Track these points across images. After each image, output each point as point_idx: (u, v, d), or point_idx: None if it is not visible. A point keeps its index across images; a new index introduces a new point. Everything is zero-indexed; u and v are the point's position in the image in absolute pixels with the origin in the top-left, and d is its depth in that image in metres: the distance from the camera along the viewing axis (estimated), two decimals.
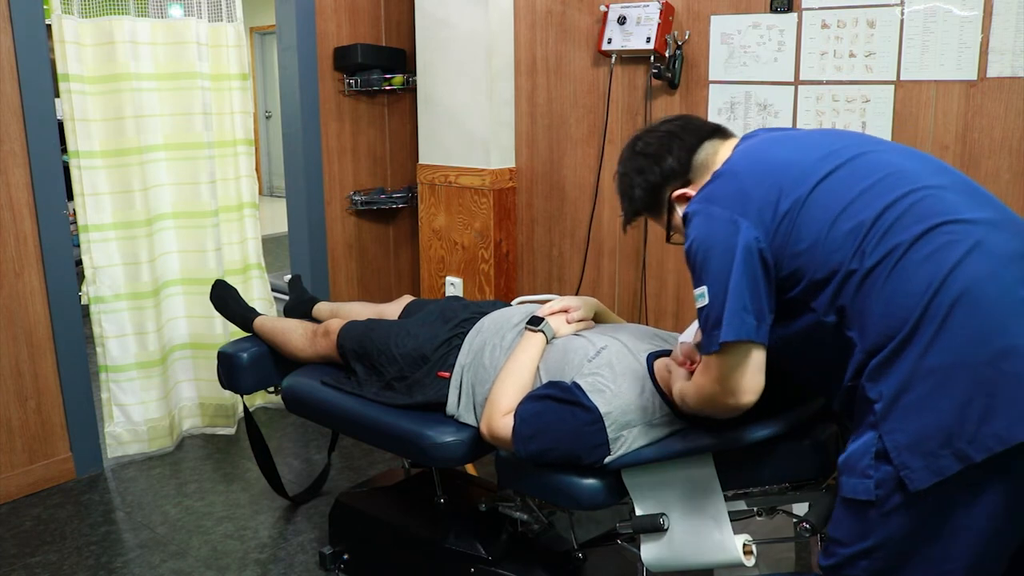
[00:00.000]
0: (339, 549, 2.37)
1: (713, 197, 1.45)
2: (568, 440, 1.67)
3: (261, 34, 9.97)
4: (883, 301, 1.28)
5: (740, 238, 1.37)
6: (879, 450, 1.26)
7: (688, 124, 1.62)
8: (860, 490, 1.28)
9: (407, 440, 1.98)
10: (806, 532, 1.55)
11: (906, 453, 1.23)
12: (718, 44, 2.84)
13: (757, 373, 1.40)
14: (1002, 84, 2.37)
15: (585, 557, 1.98)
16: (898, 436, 1.24)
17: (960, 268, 1.24)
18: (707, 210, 1.43)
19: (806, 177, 1.39)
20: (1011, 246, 1.28)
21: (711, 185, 1.48)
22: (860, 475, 1.28)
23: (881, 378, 1.27)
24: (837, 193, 1.36)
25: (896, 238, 1.29)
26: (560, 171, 3.31)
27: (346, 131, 3.80)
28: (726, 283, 1.37)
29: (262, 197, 9.29)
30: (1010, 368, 1.18)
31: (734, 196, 1.42)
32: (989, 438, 1.18)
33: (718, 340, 1.37)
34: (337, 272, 3.86)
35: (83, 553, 2.56)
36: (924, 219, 1.29)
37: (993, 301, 1.22)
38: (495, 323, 2.06)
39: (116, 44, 2.93)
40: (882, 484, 1.26)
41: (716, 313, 1.38)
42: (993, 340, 1.20)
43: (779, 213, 1.38)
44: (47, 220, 2.84)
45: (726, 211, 1.40)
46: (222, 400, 3.35)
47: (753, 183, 1.42)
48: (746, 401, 1.41)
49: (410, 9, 3.58)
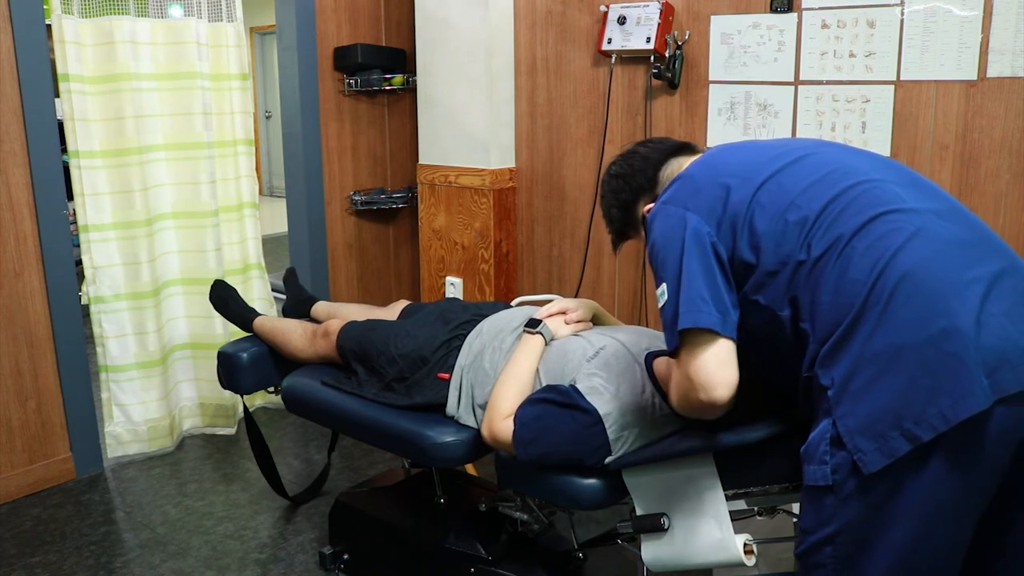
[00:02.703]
0: (339, 549, 2.37)
1: (668, 199, 1.50)
2: (568, 443, 1.67)
3: (261, 34, 9.97)
4: (830, 290, 1.31)
5: (689, 230, 1.41)
6: (833, 436, 1.28)
7: (657, 143, 1.71)
8: (818, 476, 1.30)
9: (407, 440, 1.98)
10: None
11: (858, 437, 1.25)
12: (718, 44, 2.84)
13: (726, 365, 1.37)
14: (1002, 84, 2.37)
15: (585, 557, 1.98)
16: (849, 420, 1.27)
17: (902, 252, 1.28)
18: (663, 210, 1.48)
19: (754, 175, 1.44)
20: (955, 233, 1.31)
21: (668, 190, 1.53)
22: (818, 462, 1.31)
23: (831, 365, 1.30)
24: (785, 188, 1.41)
25: (840, 228, 1.33)
26: (560, 171, 3.31)
27: (346, 131, 3.80)
28: (679, 274, 1.40)
29: (262, 197, 9.31)
30: (951, 348, 1.21)
31: (686, 194, 1.47)
32: (934, 417, 1.20)
33: (677, 330, 1.38)
34: (337, 272, 3.86)
35: (83, 553, 2.56)
36: (867, 209, 1.34)
37: (934, 283, 1.25)
38: (495, 326, 2.06)
39: (116, 44, 2.93)
40: (838, 469, 1.28)
41: (673, 305, 1.40)
42: (935, 321, 1.22)
43: (729, 208, 1.42)
44: (47, 220, 2.84)
45: (678, 208, 1.45)
46: (222, 400, 3.35)
47: (704, 182, 1.47)
48: (718, 395, 1.36)
49: (410, 9, 3.58)
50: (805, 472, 1.34)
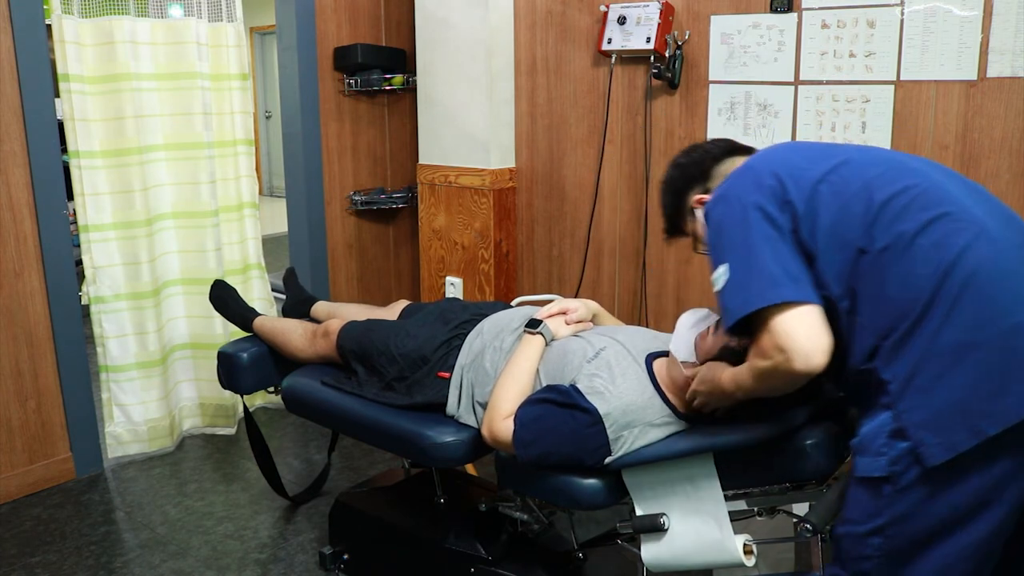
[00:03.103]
0: (339, 549, 2.37)
1: (729, 187, 1.52)
2: (568, 443, 1.67)
3: (261, 34, 9.97)
4: (894, 285, 1.34)
5: (753, 213, 1.42)
6: (894, 429, 1.31)
7: (719, 142, 1.76)
8: (875, 468, 1.33)
9: (407, 440, 1.98)
10: (806, 532, 1.55)
11: (922, 430, 1.28)
12: (718, 44, 2.84)
13: (817, 329, 1.35)
14: (1002, 84, 2.37)
15: (585, 557, 1.98)
16: (914, 414, 1.30)
17: (968, 252, 1.30)
18: (724, 197, 1.50)
19: (815, 166, 1.46)
20: (1012, 236, 1.36)
21: (727, 180, 1.55)
22: (874, 454, 1.33)
23: (894, 360, 1.32)
24: (846, 180, 1.43)
25: (904, 225, 1.35)
26: (560, 171, 3.31)
27: (346, 131, 3.80)
28: (747, 252, 1.40)
29: (262, 197, 9.30)
30: (1020, 344, 1.25)
31: (748, 181, 1.49)
32: (1002, 412, 1.24)
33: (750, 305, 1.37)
34: (337, 272, 3.86)
35: (83, 553, 2.56)
36: (930, 208, 1.36)
37: (1001, 283, 1.28)
38: (495, 325, 2.06)
39: (116, 44, 2.93)
40: (897, 461, 1.31)
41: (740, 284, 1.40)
42: (1005, 318, 1.26)
43: (791, 195, 1.43)
44: (47, 220, 2.84)
45: (741, 194, 1.46)
46: (222, 400, 3.35)
47: (765, 173, 1.48)
48: (816, 362, 1.33)
49: (410, 9, 3.58)
50: (857, 464, 1.36)
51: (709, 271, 1.50)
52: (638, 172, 3.10)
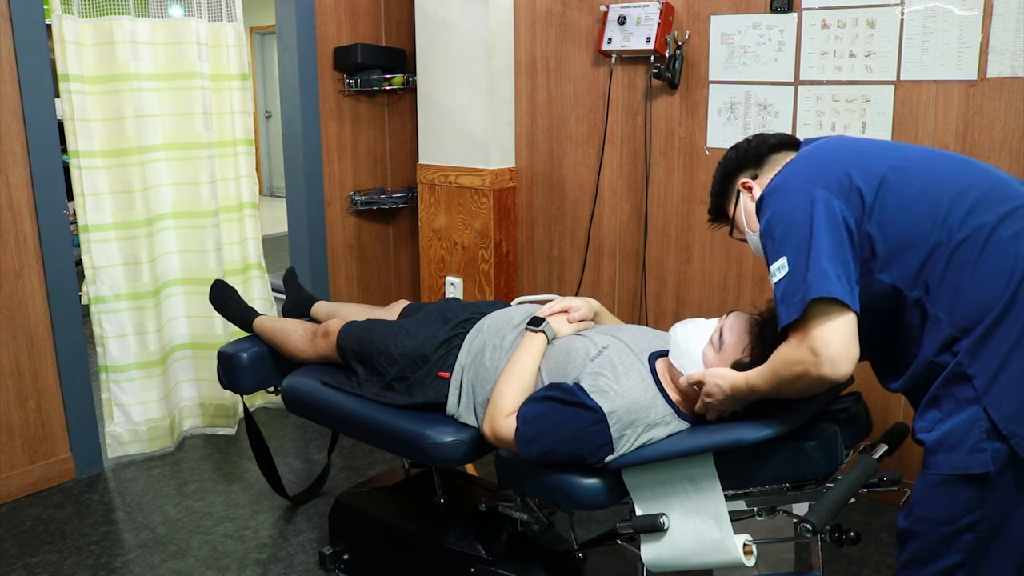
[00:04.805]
0: (339, 549, 2.37)
1: (789, 175, 1.50)
2: (571, 441, 1.67)
3: (261, 34, 9.97)
4: (976, 277, 1.34)
5: (819, 204, 1.41)
6: (987, 425, 1.32)
7: (780, 134, 1.73)
8: (972, 464, 1.33)
9: (407, 440, 1.98)
10: (806, 532, 1.55)
11: (1014, 423, 1.30)
12: (718, 44, 2.84)
13: (852, 340, 1.36)
14: (1002, 84, 2.37)
15: (585, 557, 1.98)
16: (1004, 407, 1.31)
17: None
18: (783, 186, 1.48)
19: (881, 158, 1.47)
20: None
21: (786, 169, 1.53)
22: (969, 450, 1.33)
23: (980, 355, 1.33)
24: (914, 172, 1.44)
25: (981, 217, 1.36)
26: (560, 171, 3.31)
27: (346, 131, 3.80)
28: (808, 246, 1.39)
29: (262, 197, 9.29)
30: None
31: (810, 171, 1.48)
32: None
33: (807, 299, 1.35)
34: (337, 272, 3.86)
35: (83, 553, 2.56)
36: (1005, 201, 1.38)
37: None
38: (495, 323, 2.06)
39: (116, 44, 2.93)
40: (995, 456, 1.32)
41: (799, 276, 1.38)
42: None
43: (857, 186, 1.42)
44: (47, 220, 2.84)
45: (804, 184, 1.45)
46: (222, 400, 3.35)
47: (829, 161, 1.48)
48: (844, 371, 1.35)
49: (410, 9, 3.58)
50: (943, 462, 1.36)
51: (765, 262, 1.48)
52: (638, 172, 3.10)
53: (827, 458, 1.60)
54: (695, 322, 1.77)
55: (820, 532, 1.53)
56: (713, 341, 1.69)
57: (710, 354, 1.69)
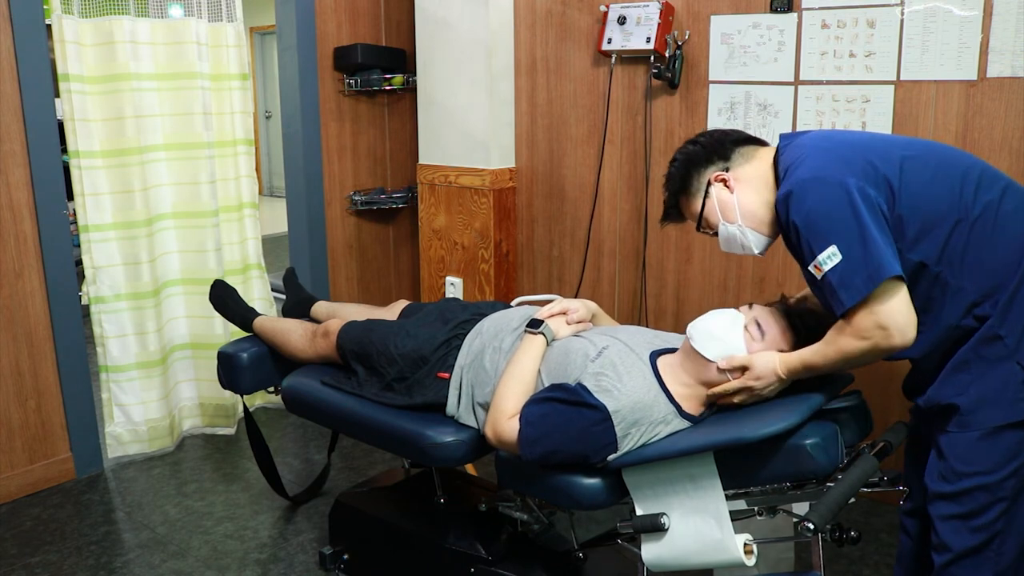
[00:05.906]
0: (339, 549, 2.37)
1: (814, 168, 1.55)
2: (575, 441, 1.67)
3: (261, 34, 9.97)
4: (995, 247, 1.51)
5: (856, 192, 1.49)
6: (1021, 375, 1.49)
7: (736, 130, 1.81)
8: (1013, 414, 1.50)
9: (407, 440, 1.98)
10: (806, 532, 1.55)
11: None
12: (718, 44, 2.84)
13: (912, 309, 1.48)
14: (1002, 84, 2.37)
15: (585, 557, 1.98)
16: None
17: None
18: (817, 181, 1.53)
19: (891, 148, 1.58)
20: None
21: (805, 164, 1.57)
22: (1011, 401, 1.50)
23: (1008, 316, 1.50)
24: (922, 159, 1.56)
25: (988, 194, 1.53)
26: (560, 171, 3.31)
27: (346, 131, 3.80)
28: (859, 232, 1.47)
29: (262, 197, 9.30)
30: None
31: (836, 163, 1.54)
32: None
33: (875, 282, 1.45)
34: (337, 272, 3.86)
35: (83, 553, 2.56)
36: (999, 179, 1.56)
37: None
38: (494, 325, 2.06)
39: (116, 44, 2.93)
40: None
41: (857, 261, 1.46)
42: None
43: (881, 173, 1.52)
44: (47, 220, 2.84)
45: (834, 175, 1.52)
46: (222, 400, 3.35)
47: (849, 152, 1.56)
48: (911, 336, 1.48)
49: (410, 9, 3.58)
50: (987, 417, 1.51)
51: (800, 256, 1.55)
52: (638, 172, 3.10)
53: (827, 457, 1.60)
54: (718, 314, 1.76)
55: (821, 531, 1.53)
56: (751, 331, 1.69)
57: (751, 343, 1.69)
